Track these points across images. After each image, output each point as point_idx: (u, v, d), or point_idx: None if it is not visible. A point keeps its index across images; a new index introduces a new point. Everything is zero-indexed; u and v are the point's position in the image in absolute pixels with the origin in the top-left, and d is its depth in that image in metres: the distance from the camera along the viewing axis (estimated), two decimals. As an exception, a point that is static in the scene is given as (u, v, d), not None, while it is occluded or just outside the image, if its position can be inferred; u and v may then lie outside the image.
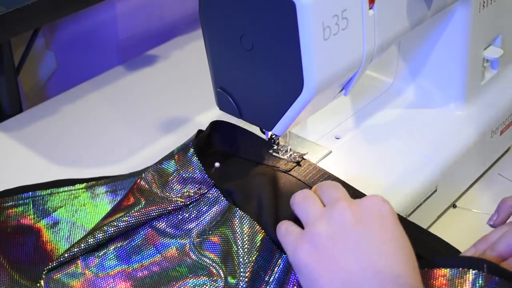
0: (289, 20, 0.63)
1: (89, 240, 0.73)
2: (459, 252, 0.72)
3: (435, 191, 0.82)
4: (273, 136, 0.80)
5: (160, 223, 0.75)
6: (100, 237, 0.73)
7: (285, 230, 0.66)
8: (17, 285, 0.75)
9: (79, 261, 0.73)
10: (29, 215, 0.82)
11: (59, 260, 0.73)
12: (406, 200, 0.78)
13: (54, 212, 0.82)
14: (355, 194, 0.75)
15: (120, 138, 1.00)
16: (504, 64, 0.94)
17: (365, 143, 0.85)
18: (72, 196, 0.84)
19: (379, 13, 0.69)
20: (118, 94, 1.10)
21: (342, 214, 0.62)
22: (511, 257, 0.68)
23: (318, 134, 0.85)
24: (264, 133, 0.80)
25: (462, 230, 0.83)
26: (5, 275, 0.75)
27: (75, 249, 0.73)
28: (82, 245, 0.73)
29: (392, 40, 0.73)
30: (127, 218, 0.74)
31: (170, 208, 0.75)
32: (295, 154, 0.80)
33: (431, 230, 0.80)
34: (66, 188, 0.85)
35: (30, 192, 0.84)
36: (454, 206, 0.88)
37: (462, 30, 0.85)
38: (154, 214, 0.74)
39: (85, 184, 0.86)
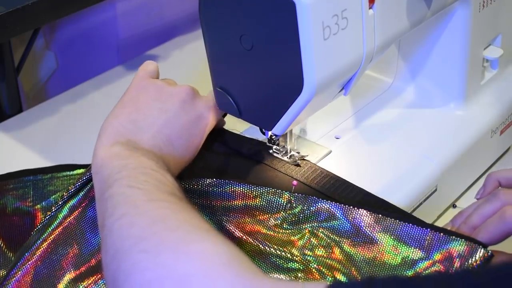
0: (289, 20, 0.63)
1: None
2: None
3: (435, 191, 0.82)
4: (273, 136, 0.80)
5: None
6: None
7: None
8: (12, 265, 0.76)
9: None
10: (28, 198, 0.83)
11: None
12: (406, 200, 0.78)
13: (52, 195, 0.83)
14: (355, 192, 0.75)
15: (120, 138, 1.00)
16: (504, 64, 0.94)
17: (365, 143, 0.85)
18: (72, 181, 0.84)
19: (379, 13, 0.69)
20: (118, 94, 1.09)
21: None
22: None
23: (318, 134, 0.85)
24: (264, 133, 0.80)
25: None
26: (0, 254, 0.77)
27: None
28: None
29: (392, 40, 0.73)
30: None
31: None
32: (295, 154, 0.80)
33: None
34: (66, 173, 0.85)
35: (32, 176, 0.85)
36: (454, 206, 0.87)
37: (462, 30, 0.85)
38: None
39: (85, 169, 0.86)
